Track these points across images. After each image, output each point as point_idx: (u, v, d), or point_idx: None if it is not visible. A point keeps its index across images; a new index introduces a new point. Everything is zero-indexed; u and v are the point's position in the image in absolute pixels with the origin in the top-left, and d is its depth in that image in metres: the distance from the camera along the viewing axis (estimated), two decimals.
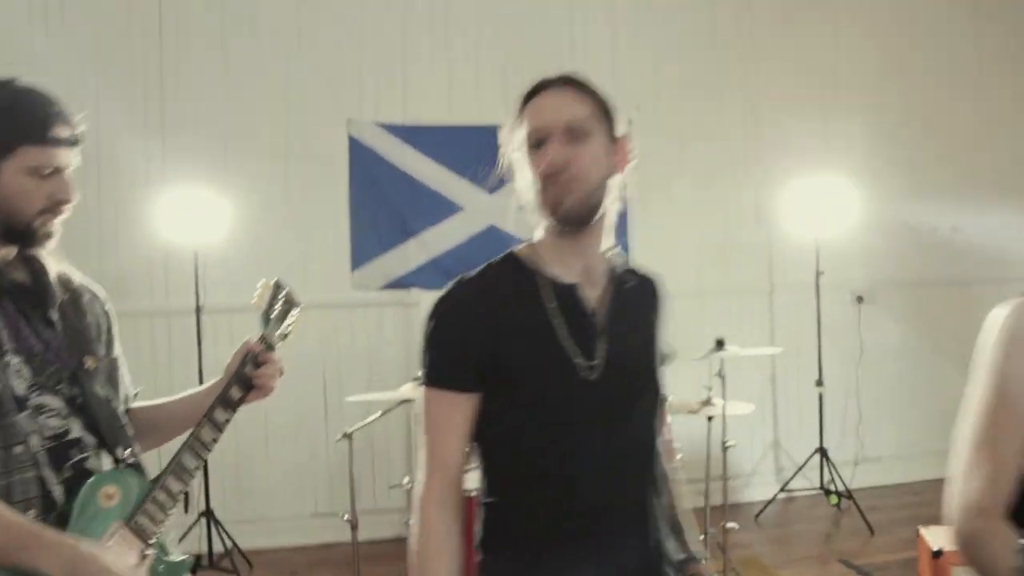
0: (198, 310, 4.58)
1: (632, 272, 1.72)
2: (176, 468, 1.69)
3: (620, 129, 1.62)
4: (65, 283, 1.72)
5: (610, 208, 1.61)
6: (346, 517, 3.77)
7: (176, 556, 1.72)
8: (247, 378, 1.81)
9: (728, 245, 5.56)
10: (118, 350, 1.83)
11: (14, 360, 1.57)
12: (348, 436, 3.71)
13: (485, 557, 1.62)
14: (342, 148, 5.09)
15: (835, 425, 5.55)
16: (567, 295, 1.59)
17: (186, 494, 3.33)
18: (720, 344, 3.80)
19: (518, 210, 4.61)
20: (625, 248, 5.45)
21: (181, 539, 4.58)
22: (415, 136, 5.09)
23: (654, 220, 5.41)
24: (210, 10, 5.03)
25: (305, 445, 5.03)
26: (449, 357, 1.59)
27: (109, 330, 1.82)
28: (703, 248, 5.53)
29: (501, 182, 4.93)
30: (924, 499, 5.21)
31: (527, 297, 1.59)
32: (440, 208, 5.17)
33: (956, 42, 6.09)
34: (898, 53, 5.99)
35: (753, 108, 5.69)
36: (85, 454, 1.63)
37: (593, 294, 1.62)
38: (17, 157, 1.57)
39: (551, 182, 1.52)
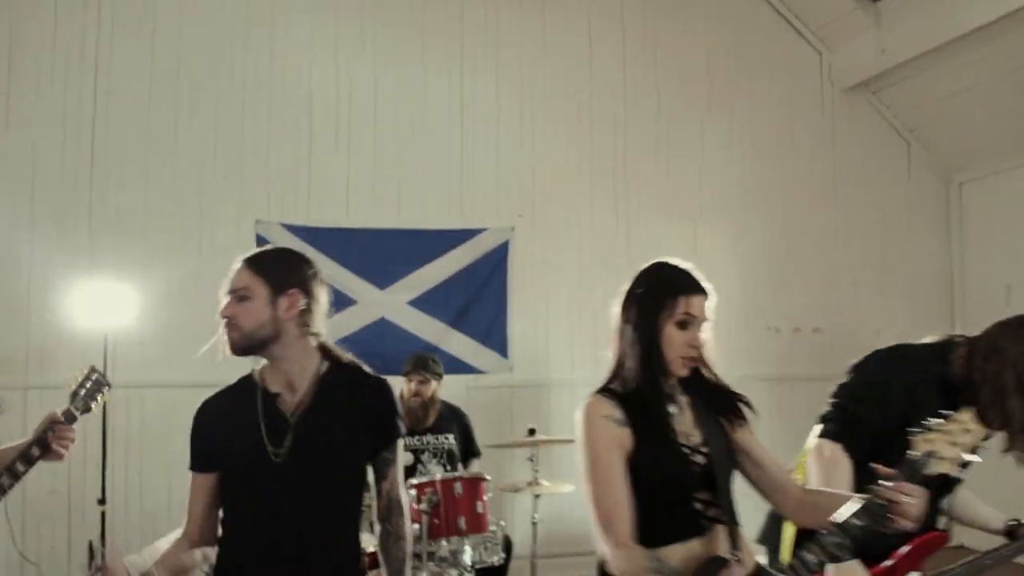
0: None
1: (351, 379, 2.37)
2: None
3: (292, 285, 2.31)
4: None
5: (301, 338, 2.29)
6: None
7: None
8: (45, 442, 2.41)
9: (600, 340, 6.11)
10: None
11: None
12: None
13: None
14: (250, 245, 5.69)
15: None
16: (270, 401, 2.24)
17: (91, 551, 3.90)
18: (532, 432, 4.39)
19: (405, 304, 5.28)
20: (503, 340, 6.18)
21: None
22: (315, 236, 5.70)
23: (531, 315, 6.03)
24: (137, 126, 5.68)
25: None
26: (193, 449, 2.28)
27: None
28: (576, 341, 6.09)
29: (391, 278, 5.57)
30: None
31: (246, 404, 2.24)
32: (337, 301, 5.70)
33: (815, 157, 6.85)
34: (762, 166, 6.71)
35: (626, 219, 6.34)
36: None
37: (292, 399, 2.25)
38: None
39: (225, 326, 2.20)
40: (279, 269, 2.33)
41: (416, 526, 3.84)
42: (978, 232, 6.90)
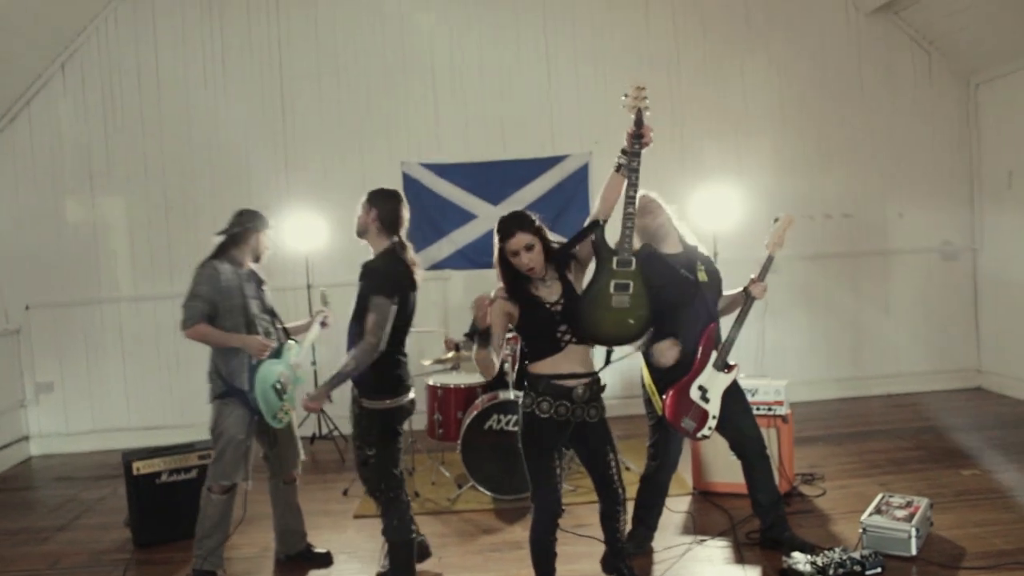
0: (308, 286, 7.47)
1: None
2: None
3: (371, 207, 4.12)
4: (255, 272, 4.59)
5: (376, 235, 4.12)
6: None
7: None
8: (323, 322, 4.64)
9: None
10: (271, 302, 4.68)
11: (253, 302, 4.45)
12: None
13: None
14: (397, 178, 7.81)
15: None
16: None
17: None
18: None
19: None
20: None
21: (301, 423, 7.45)
22: (443, 170, 7.79)
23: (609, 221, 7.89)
24: (311, 100, 7.91)
25: None
26: None
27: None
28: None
29: (501, 196, 7.81)
30: None
31: None
32: (462, 216, 7.83)
33: (843, 70, 8.25)
34: (797, 85, 8.20)
35: (680, 140, 8.05)
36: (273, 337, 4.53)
37: None
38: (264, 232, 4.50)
39: None
40: (375, 198, 4.12)
41: (506, 365, 5.88)
42: (991, 125, 8.16)
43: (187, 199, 7.89)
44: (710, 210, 7.31)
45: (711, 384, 4.35)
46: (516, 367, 5.94)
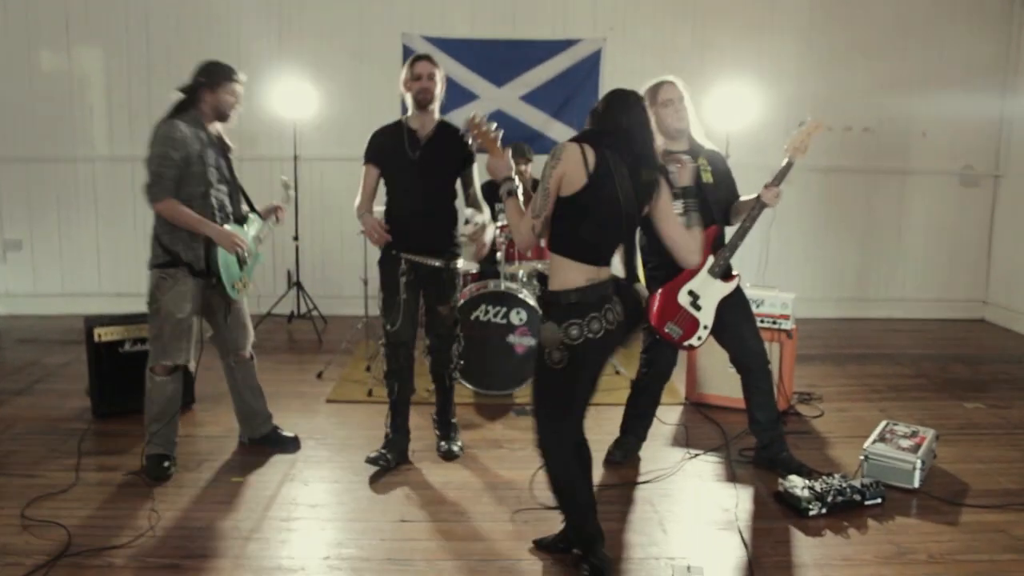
0: (295, 158, 7.04)
1: (452, 133, 4.11)
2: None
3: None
4: (221, 137, 4.14)
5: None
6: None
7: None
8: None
9: None
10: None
11: (212, 171, 3.98)
12: None
13: None
14: (398, 52, 7.28)
15: None
16: (411, 133, 4.04)
17: (288, 273, 5.92)
18: None
19: (518, 99, 7.01)
20: None
21: (277, 302, 7.15)
22: (447, 45, 7.24)
23: None
24: None
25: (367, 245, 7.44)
26: (368, 150, 4.13)
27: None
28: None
29: (506, 78, 7.25)
30: None
31: (398, 131, 4.09)
32: (463, 96, 7.33)
33: None
34: None
35: (701, 36, 7.54)
36: (229, 209, 4.10)
37: (423, 134, 4.03)
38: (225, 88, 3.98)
39: (422, 90, 4.00)
40: (439, 66, 4.12)
41: (499, 253, 5.57)
42: None
43: (171, 57, 7.31)
44: (725, 109, 6.96)
45: (705, 291, 4.05)
46: None
